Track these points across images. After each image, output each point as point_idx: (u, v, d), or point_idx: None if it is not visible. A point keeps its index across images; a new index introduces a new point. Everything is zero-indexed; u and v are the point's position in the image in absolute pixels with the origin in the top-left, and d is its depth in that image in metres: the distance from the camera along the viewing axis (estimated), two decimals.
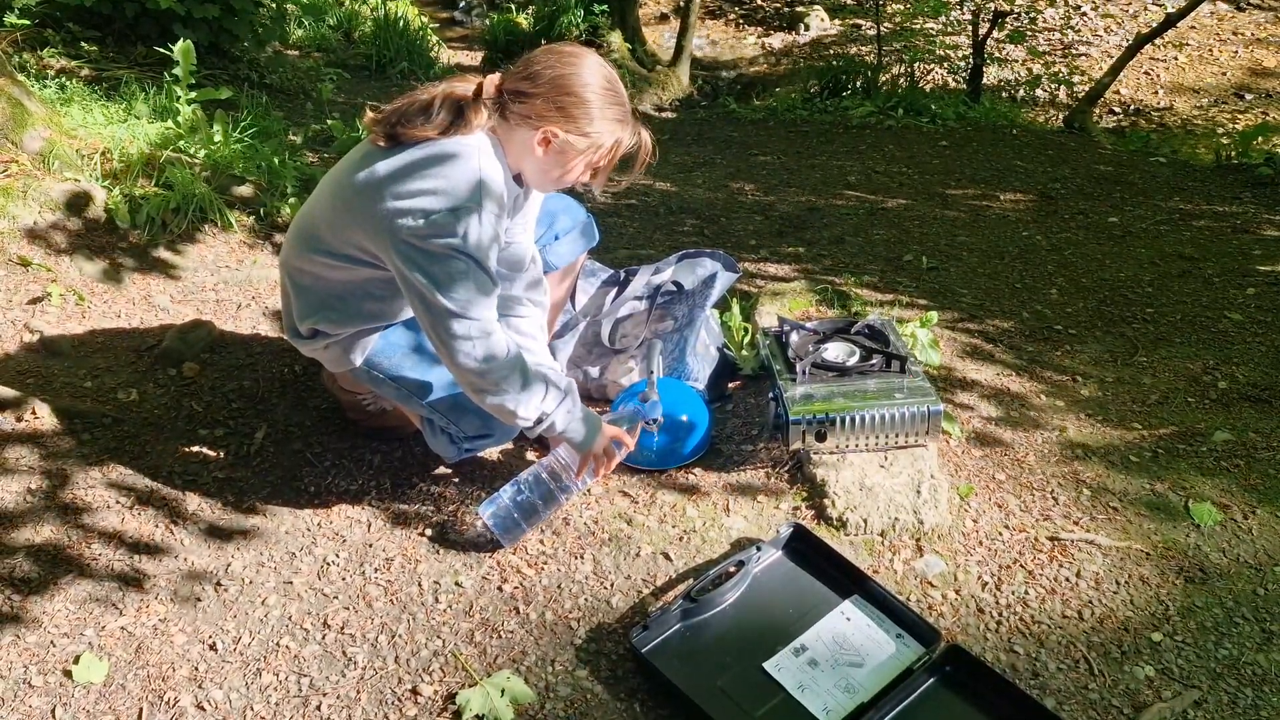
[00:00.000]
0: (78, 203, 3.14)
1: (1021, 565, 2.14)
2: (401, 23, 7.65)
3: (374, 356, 2.21)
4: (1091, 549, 2.18)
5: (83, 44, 5.01)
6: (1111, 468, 2.44)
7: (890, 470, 2.29)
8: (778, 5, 10.63)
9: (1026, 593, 2.07)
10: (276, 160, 3.58)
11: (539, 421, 2.05)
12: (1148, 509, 2.30)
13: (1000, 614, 2.02)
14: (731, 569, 2.06)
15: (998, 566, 2.14)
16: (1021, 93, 8.03)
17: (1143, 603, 2.04)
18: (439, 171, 1.88)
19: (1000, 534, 2.22)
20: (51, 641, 1.93)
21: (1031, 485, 2.37)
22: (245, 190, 3.50)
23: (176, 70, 3.75)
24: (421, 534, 2.23)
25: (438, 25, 9.21)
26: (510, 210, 2.07)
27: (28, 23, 5.05)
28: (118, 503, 2.26)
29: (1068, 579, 2.10)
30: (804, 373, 2.40)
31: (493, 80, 1.95)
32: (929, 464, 2.31)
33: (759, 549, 2.10)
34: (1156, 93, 8.29)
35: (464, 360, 1.95)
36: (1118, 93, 8.13)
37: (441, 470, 2.41)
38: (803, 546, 2.14)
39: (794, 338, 2.52)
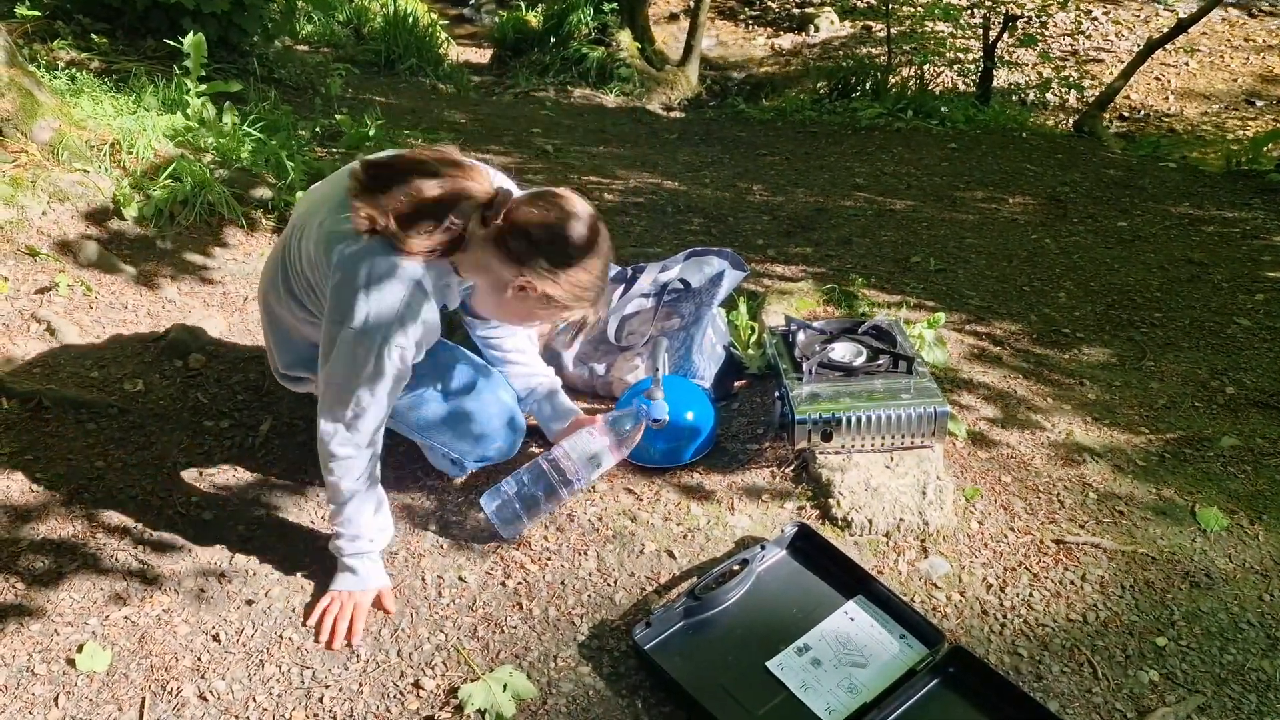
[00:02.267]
0: (86, 194, 3.14)
1: (1026, 568, 2.13)
2: (411, 20, 7.66)
3: None
4: (1097, 552, 2.17)
5: (93, 36, 5.02)
6: (1118, 471, 2.43)
7: (896, 471, 2.29)
8: (788, 6, 10.62)
9: (1031, 595, 2.06)
10: (285, 154, 3.58)
11: (344, 527, 2.00)
12: (1154, 513, 2.29)
13: (1004, 616, 2.01)
14: (735, 567, 2.06)
15: (1002, 569, 2.13)
16: (1031, 96, 8.01)
17: (1148, 607, 2.04)
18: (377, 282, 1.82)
19: (1005, 536, 2.21)
20: (55, 630, 1.93)
21: (1037, 488, 2.36)
22: (254, 183, 3.50)
23: (187, 63, 3.75)
24: (425, 528, 2.23)
25: (447, 22, 9.20)
26: (452, 294, 2.01)
27: (38, 14, 5.06)
28: (123, 493, 2.26)
29: (1072, 582, 2.10)
30: (810, 372, 2.39)
31: (504, 209, 1.82)
32: (935, 465, 2.30)
33: (763, 548, 2.09)
34: (1167, 98, 8.26)
35: (323, 451, 1.95)
36: (1128, 97, 8.10)
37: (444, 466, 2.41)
38: (807, 546, 2.13)
39: (801, 337, 2.52)
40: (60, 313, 2.82)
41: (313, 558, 2.13)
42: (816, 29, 10.16)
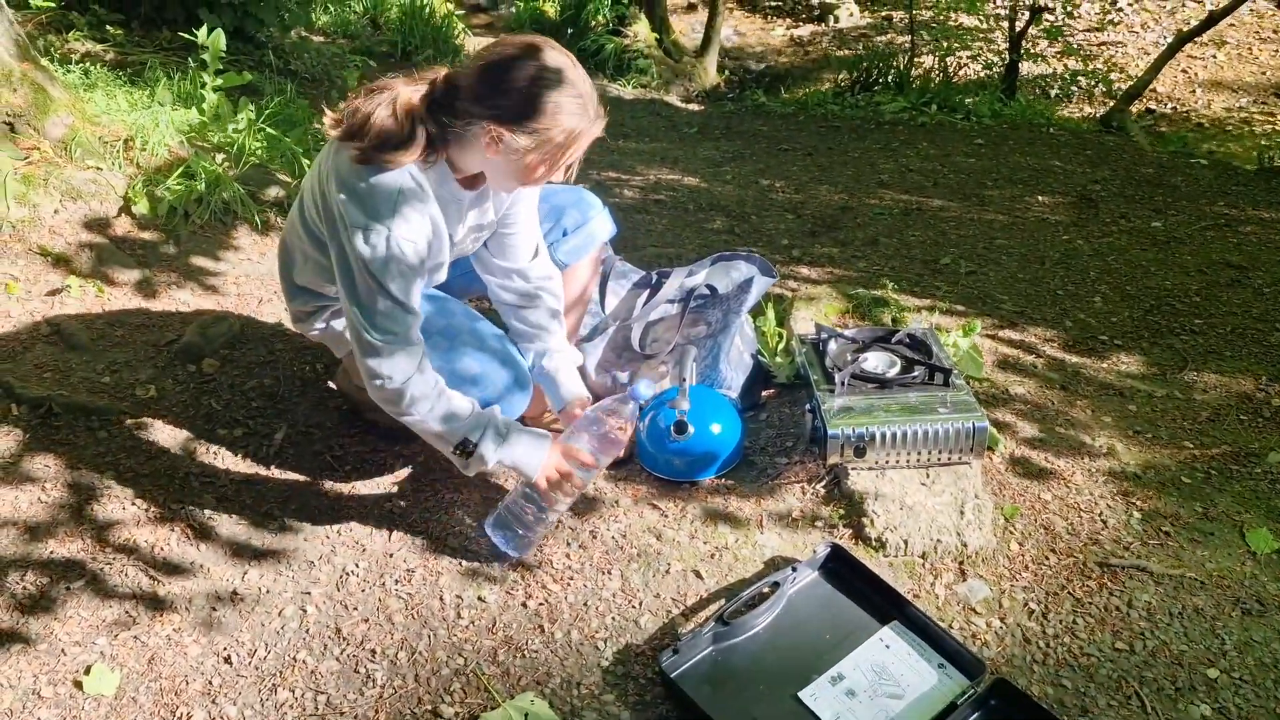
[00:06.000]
0: (99, 192, 3.08)
1: (1070, 593, 2.04)
2: (427, 10, 7.57)
3: None
4: (1143, 576, 2.08)
5: (108, 28, 4.95)
6: (1162, 490, 2.33)
7: (932, 489, 2.20)
8: None
9: (1075, 622, 1.98)
10: (301, 150, 3.50)
11: (464, 449, 2.00)
12: (1201, 534, 2.20)
13: (1047, 644, 1.93)
14: (765, 590, 1.98)
15: (1044, 593, 2.04)
16: (1057, 89, 7.87)
17: (1198, 636, 1.95)
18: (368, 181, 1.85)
19: (1047, 558, 2.13)
20: (62, 650, 1.87)
21: (1079, 507, 2.27)
22: (268, 181, 3.43)
23: (204, 56, 3.68)
24: (444, 544, 2.15)
25: (464, 12, 9.11)
26: (464, 218, 2.03)
27: (53, 5, 4.99)
28: (133, 505, 2.20)
29: (1118, 609, 2.01)
30: (843, 384, 2.31)
31: (443, 76, 1.85)
32: (973, 483, 2.21)
33: (794, 569, 2.01)
34: (1194, 90, 8.11)
35: (371, 379, 1.93)
36: (1154, 90, 7.95)
37: (464, 478, 2.34)
38: (840, 568, 2.05)
39: (832, 346, 2.43)
40: (72, 314, 2.76)
41: (328, 575, 2.06)
42: (836, 19, 10.03)
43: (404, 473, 2.36)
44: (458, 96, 1.81)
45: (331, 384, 2.61)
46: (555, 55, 1.80)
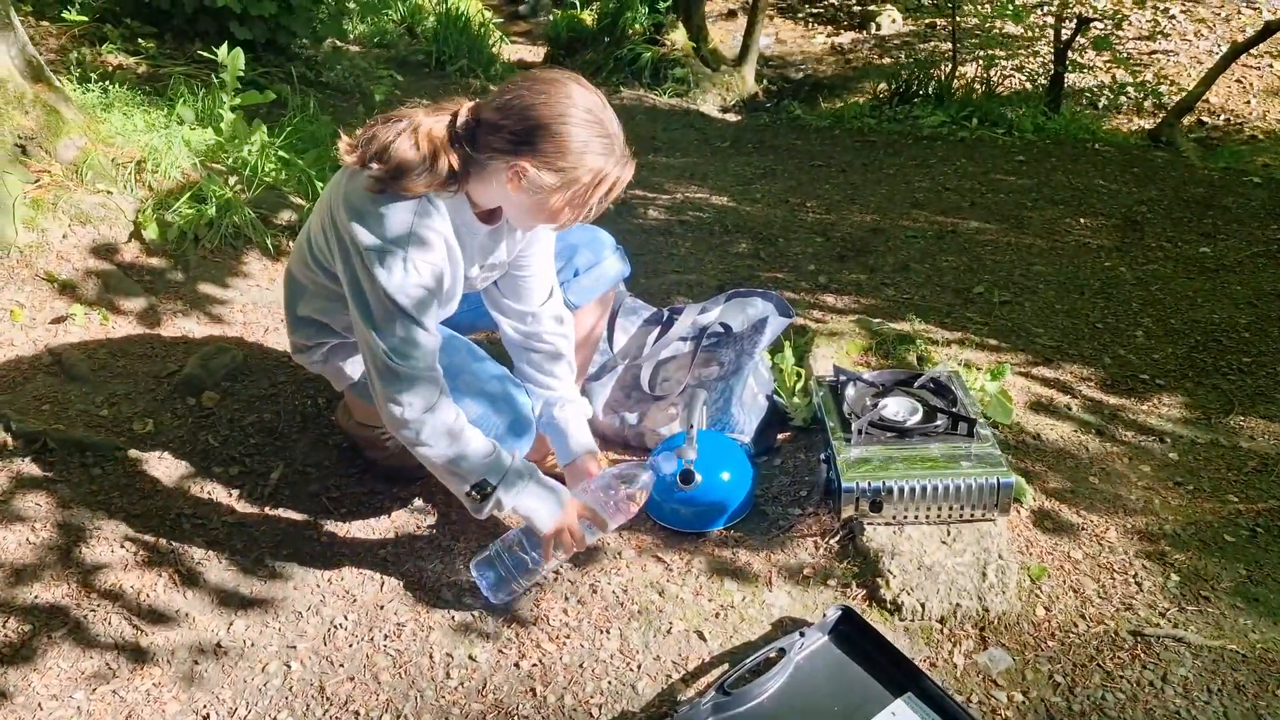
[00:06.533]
0: (108, 216, 3.04)
1: (1099, 664, 1.90)
2: (464, 19, 7.52)
3: None
4: (1180, 648, 1.93)
5: (140, 40, 4.95)
6: (1204, 549, 2.18)
7: (953, 547, 2.07)
8: (849, 3, 10.31)
9: (1104, 698, 1.84)
10: (315, 173, 3.44)
11: (480, 491, 1.92)
12: (1244, 601, 2.05)
13: None
14: (772, 655, 1.86)
15: (1071, 665, 1.90)
16: (1104, 101, 7.63)
17: (1238, 716, 1.80)
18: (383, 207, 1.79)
19: (1075, 625, 1.99)
20: (39, 704, 1.81)
21: (1112, 567, 2.13)
22: (281, 204, 3.38)
23: (224, 75, 3.64)
24: (438, 595, 2.07)
25: (501, 20, 9.07)
26: (477, 253, 1.96)
27: (85, 19, 5.00)
28: (121, 548, 2.14)
29: (1152, 683, 1.87)
30: (860, 432, 2.18)
31: (469, 108, 1.80)
32: (997, 542, 2.08)
33: (802, 634, 1.90)
34: (1249, 101, 7.83)
35: (389, 406, 1.85)
36: (1206, 100, 7.68)
37: (461, 526, 2.25)
38: (852, 632, 1.93)
39: (850, 391, 2.31)
40: (75, 343, 2.72)
41: (316, 628, 1.98)
42: (878, 26, 9.85)
43: (401, 516, 2.28)
44: (483, 129, 1.76)
45: (334, 418, 2.54)
46: (585, 93, 1.74)
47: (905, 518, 2.10)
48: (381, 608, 2.04)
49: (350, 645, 1.95)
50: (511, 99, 1.73)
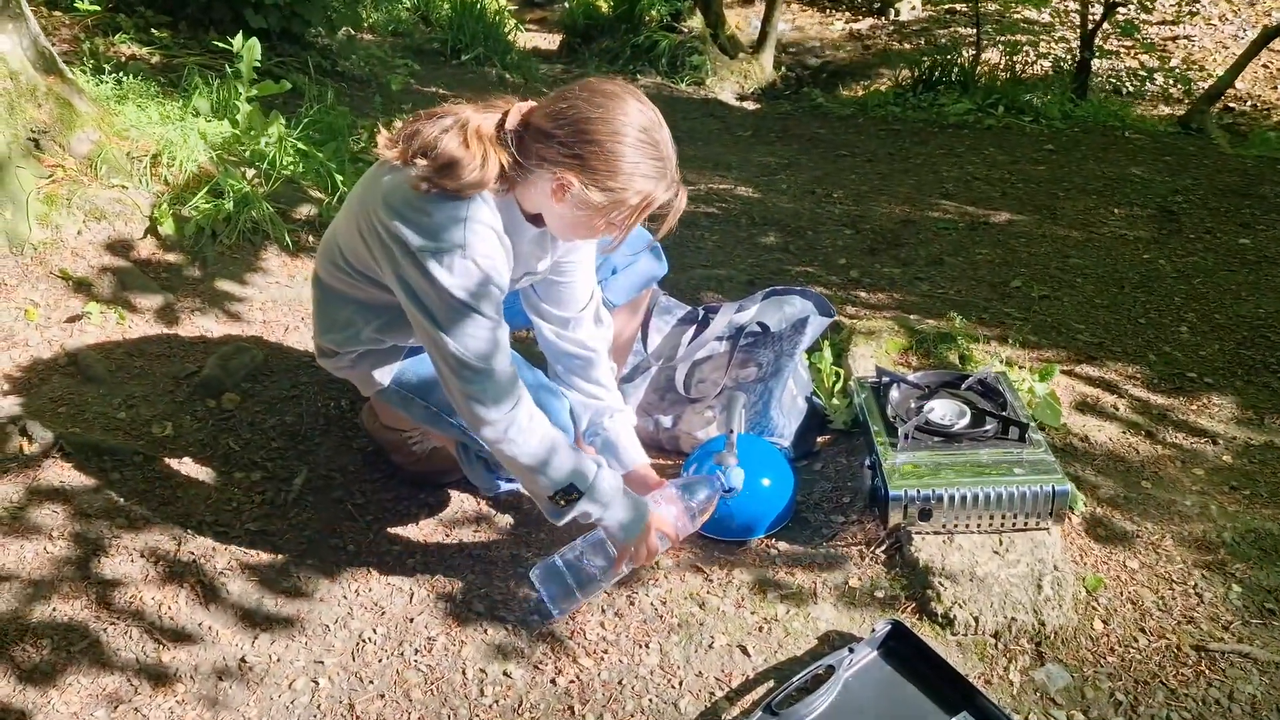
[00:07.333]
0: (124, 211, 2.96)
1: (1162, 681, 1.82)
2: (479, 6, 7.42)
3: (402, 374, 2.03)
4: (1246, 664, 1.85)
5: (154, 30, 4.87)
6: (1265, 558, 2.09)
7: (1006, 557, 1.98)
8: None
9: (1169, 717, 1.75)
10: (334, 165, 3.36)
11: (566, 496, 1.82)
12: None
13: None
14: (820, 672, 1.78)
15: (1133, 682, 1.82)
16: (1130, 88, 7.49)
17: None
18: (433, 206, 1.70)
19: (1135, 640, 1.90)
20: None
21: (1170, 578, 2.04)
22: (299, 198, 3.29)
23: (240, 65, 3.56)
24: (469, 608, 1.99)
25: (515, 8, 8.97)
26: (526, 253, 1.88)
27: (98, 8, 4.92)
28: (141, 559, 2.07)
29: (1218, 701, 1.78)
30: (906, 437, 2.10)
31: (519, 110, 1.72)
32: (1052, 552, 1.99)
33: (851, 650, 1.82)
34: (1276, 86, 7.68)
35: (473, 407, 1.77)
36: (1233, 87, 7.53)
37: (493, 534, 2.18)
38: (902, 648, 1.85)
39: (894, 393, 2.22)
40: (90, 344, 2.64)
41: (344, 642, 1.91)
42: (897, 12, 9.70)
43: (429, 524, 2.21)
44: (531, 135, 1.68)
45: (359, 420, 2.46)
46: (642, 111, 1.65)
47: (955, 527, 2.02)
48: (411, 620, 1.96)
49: (380, 660, 1.88)
50: (566, 108, 1.64)
